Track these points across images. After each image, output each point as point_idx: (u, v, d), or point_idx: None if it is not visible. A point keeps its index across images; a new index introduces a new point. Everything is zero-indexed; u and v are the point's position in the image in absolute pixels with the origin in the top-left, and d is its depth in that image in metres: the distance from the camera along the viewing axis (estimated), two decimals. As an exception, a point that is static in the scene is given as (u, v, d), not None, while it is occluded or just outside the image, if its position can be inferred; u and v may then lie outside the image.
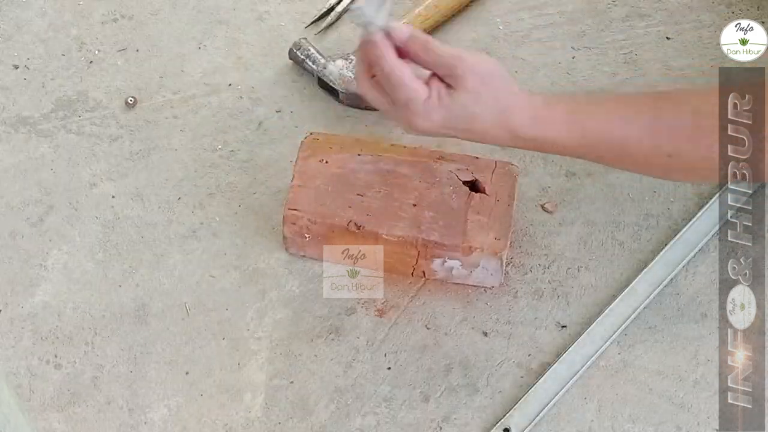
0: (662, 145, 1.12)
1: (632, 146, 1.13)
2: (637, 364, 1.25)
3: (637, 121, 1.11)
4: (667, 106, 1.12)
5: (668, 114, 1.11)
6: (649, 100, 1.13)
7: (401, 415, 1.22)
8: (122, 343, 1.27)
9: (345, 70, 1.45)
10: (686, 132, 1.10)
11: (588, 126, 1.13)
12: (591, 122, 1.13)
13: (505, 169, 1.31)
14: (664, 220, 1.35)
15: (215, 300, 1.30)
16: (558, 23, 1.53)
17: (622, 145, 1.13)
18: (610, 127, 1.13)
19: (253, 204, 1.37)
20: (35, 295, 1.30)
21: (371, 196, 1.29)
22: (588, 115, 1.13)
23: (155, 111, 1.46)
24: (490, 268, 1.27)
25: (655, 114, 1.11)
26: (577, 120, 1.13)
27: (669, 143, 1.11)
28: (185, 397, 1.23)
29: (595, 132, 1.13)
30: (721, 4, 1.54)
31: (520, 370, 1.25)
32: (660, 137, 1.11)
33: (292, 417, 1.22)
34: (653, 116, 1.11)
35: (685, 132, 1.10)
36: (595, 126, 1.13)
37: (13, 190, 1.39)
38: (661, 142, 1.11)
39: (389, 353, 1.26)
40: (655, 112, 1.12)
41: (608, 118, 1.13)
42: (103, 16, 1.55)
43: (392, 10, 1.10)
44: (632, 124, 1.12)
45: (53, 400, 1.23)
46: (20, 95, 1.47)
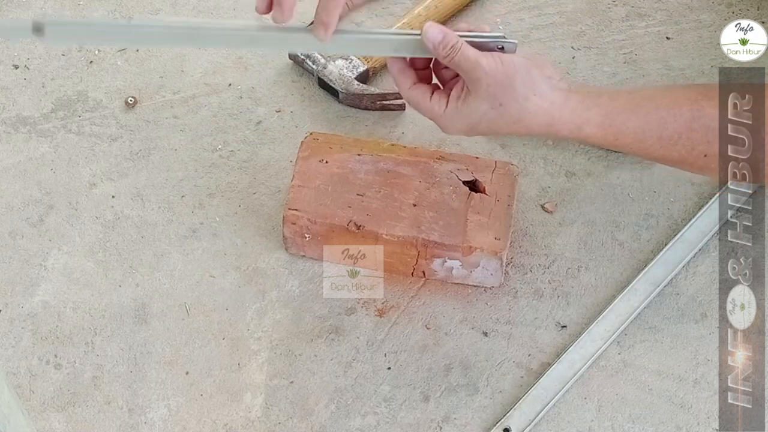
0: (698, 145, 1.11)
1: (667, 146, 1.12)
2: (637, 364, 1.25)
3: (674, 123, 1.10)
4: (706, 105, 1.10)
5: (706, 113, 1.10)
6: (687, 100, 1.11)
7: (401, 415, 1.22)
8: (122, 343, 1.27)
9: (345, 70, 1.45)
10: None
11: (623, 130, 1.12)
12: (625, 127, 1.12)
13: (505, 169, 1.31)
14: (664, 220, 1.35)
15: (215, 300, 1.30)
16: (558, 23, 1.53)
17: (656, 146, 1.12)
18: (645, 132, 1.11)
19: (253, 204, 1.37)
20: (35, 295, 1.30)
21: (371, 196, 1.29)
22: (623, 120, 1.11)
23: (155, 111, 1.46)
24: (490, 268, 1.27)
25: (693, 114, 1.10)
26: (613, 125, 1.11)
27: (705, 144, 1.11)
28: (185, 397, 1.23)
29: (630, 137, 1.12)
30: (721, 4, 1.54)
31: (520, 370, 1.25)
32: (696, 137, 1.10)
33: (292, 417, 1.22)
34: (691, 117, 1.10)
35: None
36: (629, 131, 1.12)
37: (13, 190, 1.39)
38: (697, 141, 1.11)
39: (389, 353, 1.26)
40: (692, 112, 1.10)
41: (644, 122, 1.11)
42: (103, 16, 1.55)
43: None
44: (669, 125, 1.10)
45: (53, 400, 1.23)
46: (20, 95, 1.47)
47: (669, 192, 1.37)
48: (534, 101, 1.10)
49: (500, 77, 1.09)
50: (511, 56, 1.10)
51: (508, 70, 1.09)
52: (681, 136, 1.11)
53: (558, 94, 1.11)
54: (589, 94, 1.12)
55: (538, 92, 1.10)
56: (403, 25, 1.49)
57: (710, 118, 1.10)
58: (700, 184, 1.37)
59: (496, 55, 1.10)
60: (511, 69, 1.09)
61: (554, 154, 1.40)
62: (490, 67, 1.09)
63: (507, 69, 1.09)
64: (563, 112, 1.11)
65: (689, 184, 1.37)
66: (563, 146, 1.41)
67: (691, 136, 1.10)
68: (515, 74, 1.09)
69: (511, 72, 1.09)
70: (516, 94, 1.10)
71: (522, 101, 1.10)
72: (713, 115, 1.10)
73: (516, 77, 1.09)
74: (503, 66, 1.09)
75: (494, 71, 1.09)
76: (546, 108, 1.10)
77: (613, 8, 1.55)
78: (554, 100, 1.11)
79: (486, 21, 1.53)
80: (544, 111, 1.11)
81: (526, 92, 1.10)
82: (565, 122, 1.11)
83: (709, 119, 1.10)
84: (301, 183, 1.30)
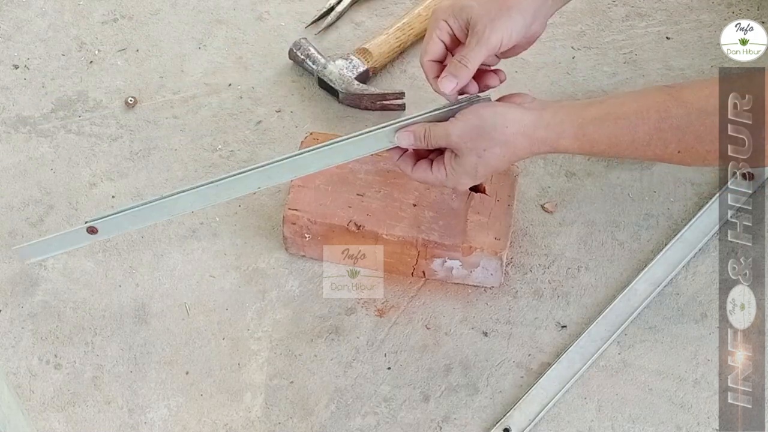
0: (670, 144, 1.14)
1: (641, 148, 1.15)
2: (637, 364, 1.25)
3: (644, 126, 1.13)
4: (673, 106, 1.12)
5: (675, 115, 1.12)
6: (655, 102, 1.14)
7: (401, 415, 1.22)
8: (122, 343, 1.27)
9: (345, 70, 1.45)
10: (693, 131, 1.12)
11: (597, 138, 1.15)
12: (598, 135, 1.15)
13: (505, 169, 1.31)
14: (664, 220, 1.35)
15: (215, 300, 1.30)
16: (558, 23, 1.53)
17: (631, 149, 1.15)
18: (618, 136, 1.15)
19: (253, 204, 1.37)
20: (35, 295, 1.30)
21: (371, 196, 1.29)
22: (595, 129, 1.15)
23: (155, 111, 1.46)
24: (490, 268, 1.27)
25: (662, 116, 1.13)
26: (586, 134, 1.15)
27: (676, 142, 1.13)
28: (185, 397, 1.23)
29: (604, 144, 1.16)
30: (721, 4, 1.54)
31: (520, 370, 1.25)
32: (667, 138, 1.13)
33: (292, 417, 1.22)
34: (660, 118, 1.13)
35: (692, 131, 1.12)
36: (603, 139, 1.15)
37: (13, 190, 1.39)
38: (668, 141, 1.13)
39: (389, 353, 1.26)
40: (661, 114, 1.12)
41: (615, 129, 1.14)
42: (103, 16, 1.55)
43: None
44: (639, 129, 1.14)
45: (53, 400, 1.23)
46: (20, 95, 1.48)
47: (669, 192, 1.37)
48: (510, 131, 1.15)
49: (472, 132, 1.15)
50: (475, 107, 1.16)
51: (475, 122, 1.15)
52: (652, 138, 1.14)
53: (530, 115, 1.16)
54: (561, 108, 1.17)
55: (510, 122, 1.15)
56: (404, 25, 1.49)
57: (678, 118, 1.13)
58: (700, 184, 1.37)
59: (460, 116, 1.16)
60: (478, 120, 1.15)
61: (554, 154, 1.40)
62: (460, 131, 1.15)
63: (474, 121, 1.15)
64: (538, 131, 1.15)
65: (689, 184, 1.37)
66: (563, 146, 1.41)
67: (662, 136, 1.14)
68: (483, 121, 1.14)
69: (479, 122, 1.15)
70: (491, 136, 1.14)
71: (500, 138, 1.15)
72: (681, 114, 1.13)
73: (485, 123, 1.14)
74: (470, 121, 1.15)
75: (465, 131, 1.15)
76: (522, 131, 1.15)
77: (613, 8, 1.55)
78: (527, 122, 1.15)
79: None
80: (522, 135, 1.15)
81: (500, 129, 1.15)
82: (542, 139, 1.16)
83: (677, 119, 1.13)
84: (301, 183, 1.30)
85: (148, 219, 1.21)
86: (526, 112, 1.16)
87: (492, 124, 1.14)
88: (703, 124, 1.12)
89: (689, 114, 1.12)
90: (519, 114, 1.15)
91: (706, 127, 1.11)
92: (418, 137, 1.17)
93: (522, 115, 1.15)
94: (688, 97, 1.13)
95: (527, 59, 1.49)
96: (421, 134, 1.17)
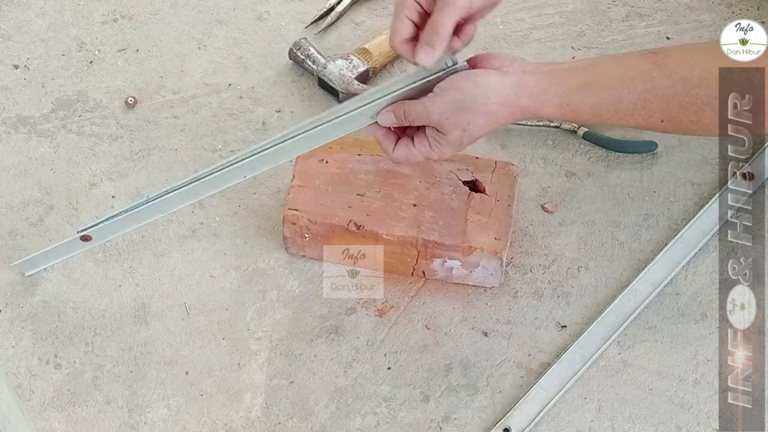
0: (654, 113, 1.13)
1: (625, 117, 1.14)
2: (637, 364, 1.25)
3: (628, 96, 1.13)
4: (659, 76, 1.12)
5: (659, 84, 1.12)
6: (640, 71, 1.13)
7: (401, 415, 1.22)
8: (122, 343, 1.27)
9: (345, 70, 1.45)
10: (677, 101, 1.12)
11: (581, 108, 1.14)
12: (582, 104, 1.14)
13: (505, 169, 1.31)
14: (664, 220, 1.35)
15: (215, 300, 1.30)
16: (558, 23, 1.53)
17: (615, 118, 1.15)
18: (603, 106, 1.14)
19: (253, 204, 1.37)
20: (35, 295, 1.30)
21: (371, 196, 1.29)
22: (580, 98, 1.14)
23: (155, 111, 1.46)
24: (490, 268, 1.27)
25: (647, 86, 1.12)
26: (570, 104, 1.14)
27: (660, 111, 1.13)
28: (185, 397, 1.23)
29: (588, 113, 1.15)
30: (721, 4, 1.54)
31: (520, 370, 1.25)
32: (651, 107, 1.13)
33: (292, 417, 1.22)
34: (645, 88, 1.12)
35: (676, 101, 1.12)
36: (587, 108, 1.14)
37: (13, 190, 1.39)
38: (652, 110, 1.13)
39: (389, 353, 1.26)
40: (646, 83, 1.12)
41: (600, 98, 1.14)
42: (103, 16, 1.55)
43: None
44: (624, 99, 1.13)
45: (53, 400, 1.23)
46: (20, 95, 1.47)
47: (669, 192, 1.37)
48: (492, 102, 1.13)
49: (453, 108, 1.13)
50: (453, 78, 1.13)
51: (455, 96, 1.12)
52: (636, 107, 1.13)
53: (511, 80, 1.13)
54: (544, 74, 1.14)
55: (492, 92, 1.13)
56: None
57: (663, 88, 1.12)
58: (700, 184, 1.37)
59: (438, 90, 1.13)
60: (457, 93, 1.12)
61: (554, 154, 1.40)
62: (441, 108, 1.13)
63: (454, 95, 1.12)
64: (521, 99, 1.13)
65: (689, 184, 1.37)
66: (563, 146, 1.41)
67: (646, 106, 1.13)
68: (463, 95, 1.12)
69: (459, 96, 1.12)
70: (474, 108, 1.12)
71: (482, 110, 1.13)
72: (666, 84, 1.12)
73: (465, 97, 1.12)
74: (450, 96, 1.13)
75: (445, 108, 1.13)
76: (505, 101, 1.13)
77: (613, 8, 1.55)
78: (509, 90, 1.13)
79: (486, 21, 1.53)
80: (504, 104, 1.13)
81: (482, 100, 1.12)
82: (525, 107, 1.14)
83: (662, 89, 1.12)
84: (301, 183, 1.30)
85: (139, 221, 1.23)
86: (507, 78, 1.13)
87: (473, 97, 1.12)
88: (688, 94, 1.11)
89: (674, 84, 1.11)
90: (499, 81, 1.13)
91: (691, 98, 1.11)
92: (399, 117, 1.15)
93: (503, 82, 1.13)
94: (673, 66, 1.12)
95: (527, 59, 1.49)
96: (401, 114, 1.15)
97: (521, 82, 1.13)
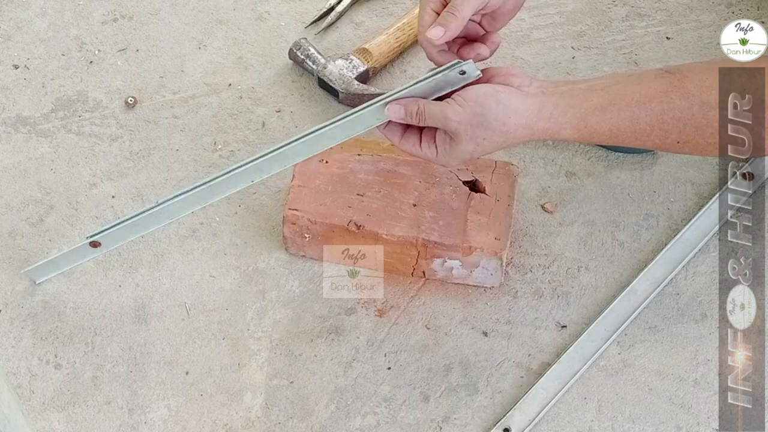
0: (671, 134, 1.13)
1: (641, 138, 1.15)
2: (637, 364, 1.25)
3: (646, 118, 1.13)
4: (676, 98, 1.12)
5: (676, 106, 1.12)
6: (657, 92, 1.13)
7: (401, 415, 1.22)
8: (122, 343, 1.27)
9: (345, 70, 1.45)
10: (694, 123, 1.12)
11: (598, 129, 1.14)
12: (600, 126, 1.14)
13: (505, 169, 1.31)
14: (664, 220, 1.35)
15: (215, 300, 1.30)
16: (558, 23, 1.53)
17: (631, 139, 1.15)
18: (620, 127, 1.14)
19: (253, 204, 1.37)
20: (35, 295, 1.30)
21: (371, 196, 1.29)
22: (597, 120, 1.14)
23: (155, 111, 1.46)
24: (490, 268, 1.27)
25: (664, 107, 1.12)
26: (588, 126, 1.14)
27: (677, 133, 1.13)
28: (185, 397, 1.23)
29: (605, 134, 1.15)
30: (721, 4, 1.54)
31: (520, 370, 1.25)
32: (668, 128, 1.13)
33: (292, 417, 1.22)
34: (662, 110, 1.12)
35: (693, 123, 1.13)
36: (604, 129, 1.14)
37: (13, 190, 1.39)
38: (669, 131, 1.13)
39: (389, 353, 1.26)
40: (663, 105, 1.12)
41: (618, 120, 1.14)
42: (103, 16, 1.55)
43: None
44: (641, 120, 1.13)
45: (53, 400, 1.23)
46: (20, 95, 1.47)
47: (669, 192, 1.37)
48: (512, 122, 1.13)
49: (473, 120, 1.12)
50: (475, 90, 1.12)
51: (476, 110, 1.11)
52: (653, 129, 1.14)
53: (531, 102, 1.13)
54: (563, 95, 1.14)
55: (512, 112, 1.12)
56: (404, 25, 1.49)
57: (680, 110, 1.12)
58: (700, 184, 1.37)
59: (459, 99, 1.12)
60: (479, 108, 1.12)
61: (554, 154, 1.40)
62: (460, 117, 1.12)
63: (475, 109, 1.11)
64: (540, 122, 1.13)
65: (689, 184, 1.37)
66: (563, 146, 1.41)
67: (663, 127, 1.13)
68: (485, 110, 1.11)
69: (480, 110, 1.11)
70: (493, 126, 1.12)
71: (501, 128, 1.12)
72: (683, 106, 1.12)
73: (487, 113, 1.11)
74: (470, 107, 1.12)
75: (465, 118, 1.12)
76: (524, 123, 1.13)
77: (613, 8, 1.55)
78: (529, 112, 1.13)
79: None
80: (523, 126, 1.13)
81: (502, 119, 1.12)
82: (543, 130, 1.14)
83: (679, 110, 1.12)
84: (301, 183, 1.30)
85: (148, 226, 1.22)
86: (527, 99, 1.13)
87: (494, 115, 1.12)
88: (705, 116, 1.11)
89: (691, 106, 1.12)
90: (520, 102, 1.13)
91: (708, 120, 1.11)
92: (410, 113, 1.14)
93: (523, 104, 1.13)
94: (690, 87, 1.12)
95: (527, 59, 1.49)
96: (414, 111, 1.14)
97: (541, 104, 1.13)
